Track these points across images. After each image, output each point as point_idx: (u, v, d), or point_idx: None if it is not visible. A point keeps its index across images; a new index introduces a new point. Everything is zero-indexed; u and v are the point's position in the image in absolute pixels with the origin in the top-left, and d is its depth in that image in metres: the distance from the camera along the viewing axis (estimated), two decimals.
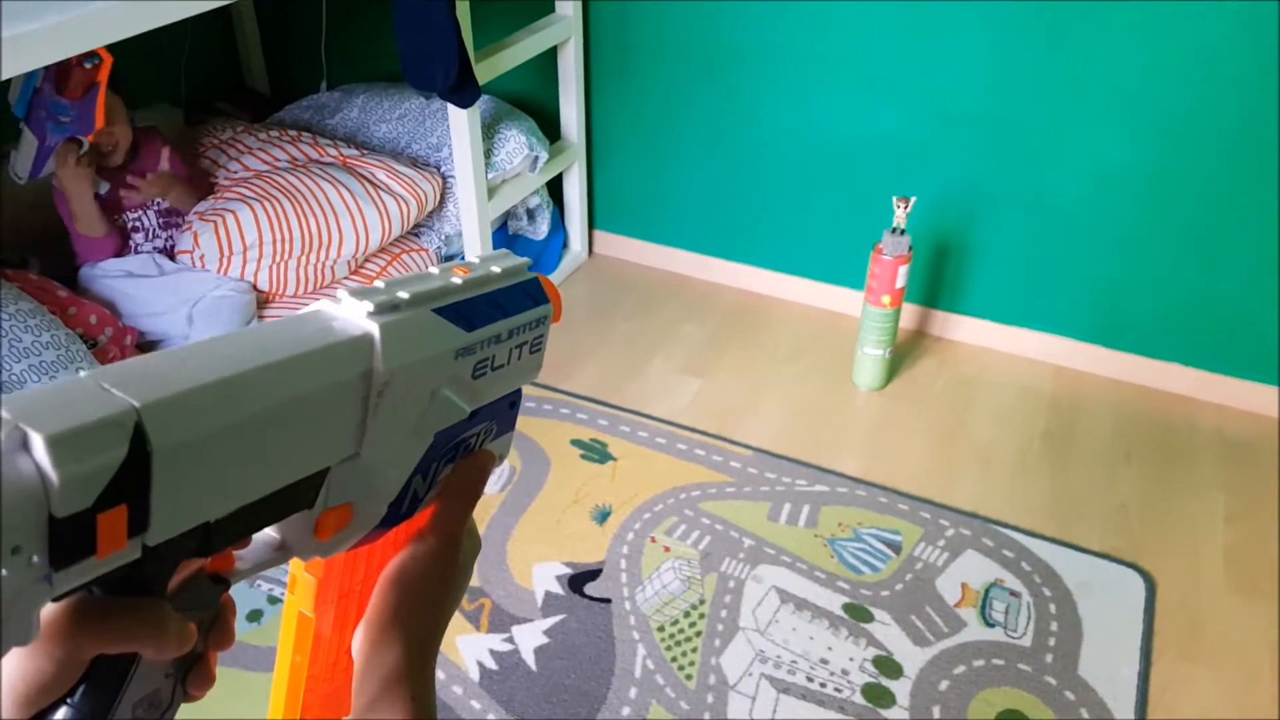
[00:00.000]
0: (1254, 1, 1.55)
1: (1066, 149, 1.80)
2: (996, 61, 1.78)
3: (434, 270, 0.41)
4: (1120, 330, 1.93)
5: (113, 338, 1.62)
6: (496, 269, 0.43)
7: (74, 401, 0.28)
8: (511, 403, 0.46)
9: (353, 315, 0.36)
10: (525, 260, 0.45)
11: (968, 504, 1.65)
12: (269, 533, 0.39)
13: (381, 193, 1.87)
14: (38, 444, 0.26)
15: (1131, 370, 1.95)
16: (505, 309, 0.42)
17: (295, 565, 0.42)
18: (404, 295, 0.38)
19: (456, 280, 0.41)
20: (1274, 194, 1.68)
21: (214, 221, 1.76)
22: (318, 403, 0.34)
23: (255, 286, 1.81)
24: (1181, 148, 1.72)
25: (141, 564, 0.30)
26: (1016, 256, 1.94)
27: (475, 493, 0.45)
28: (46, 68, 1.49)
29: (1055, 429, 1.83)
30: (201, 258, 1.77)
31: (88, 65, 1.49)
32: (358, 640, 0.41)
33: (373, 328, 0.36)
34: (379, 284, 0.38)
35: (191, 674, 0.36)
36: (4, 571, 0.26)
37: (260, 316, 1.81)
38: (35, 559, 0.27)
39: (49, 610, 0.31)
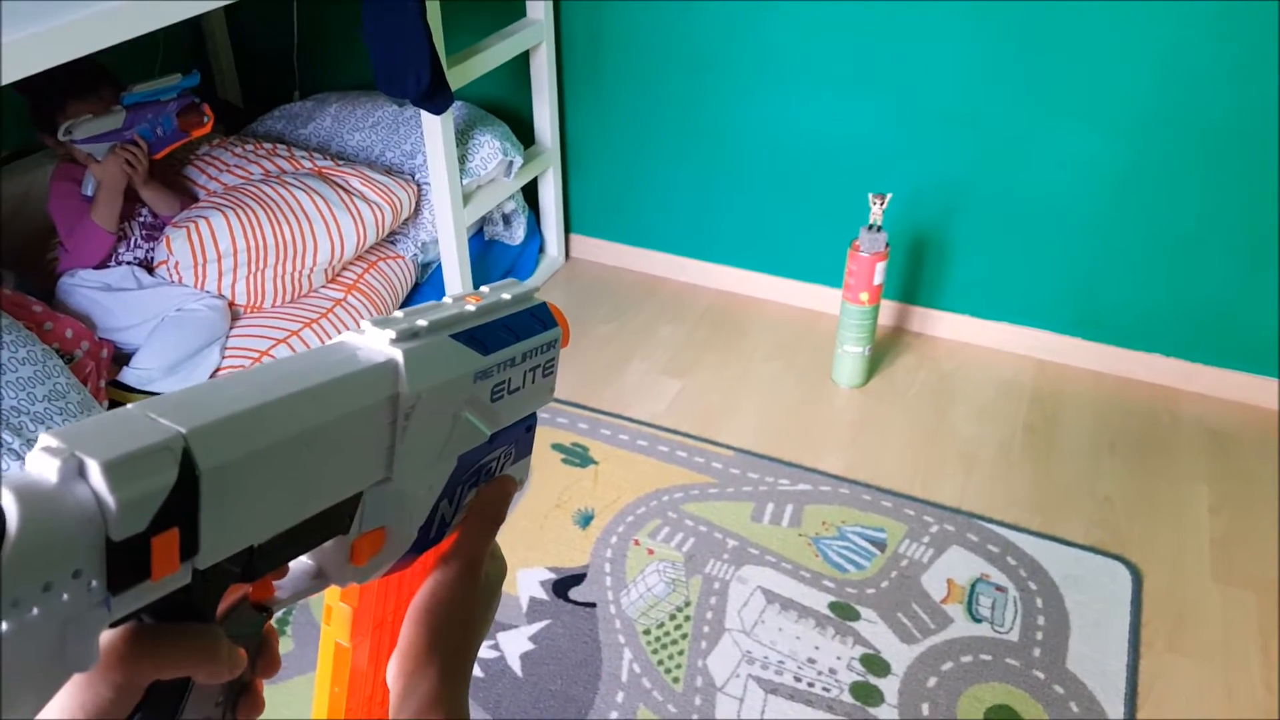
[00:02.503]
0: (1224, 1, 1.56)
1: (1041, 143, 1.79)
2: (970, 57, 1.77)
3: (448, 300, 0.43)
4: (1100, 322, 1.92)
5: (89, 351, 1.59)
6: (506, 296, 0.45)
7: (124, 430, 0.29)
8: (528, 426, 0.48)
9: (376, 343, 0.38)
10: (534, 286, 0.49)
11: (951, 500, 1.64)
12: (306, 561, 0.40)
13: (356, 200, 1.85)
14: (94, 470, 0.28)
15: (1112, 362, 1.94)
16: (518, 333, 0.45)
17: (330, 596, 0.44)
18: (423, 323, 0.40)
19: (470, 308, 0.43)
20: (1248, 184, 1.68)
21: (186, 228, 1.73)
22: (349, 427, 0.36)
23: (233, 300, 1.78)
24: (1155, 141, 1.71)
25: (191, 589, 0.32)
26: (994, 251, 1.94)
27: (498, 517, 0.46)
28: (194, 93, 1.80)
29: (1038, 422, 1.82)
30: (176, 265, 1.74)
31: (205, 120, 1.79)
32: (392, 670, 0.42)
33: (396, 354, 0.38)
34: (398, 314, 0.40)
35: (241, 701, 0.37)
36: (65, 596, 0.27)
37: (233, 334, 1.77)
38: (94, 583, 0.28)
39: (107, 637, 0.32)
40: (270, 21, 2.37)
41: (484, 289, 0.45)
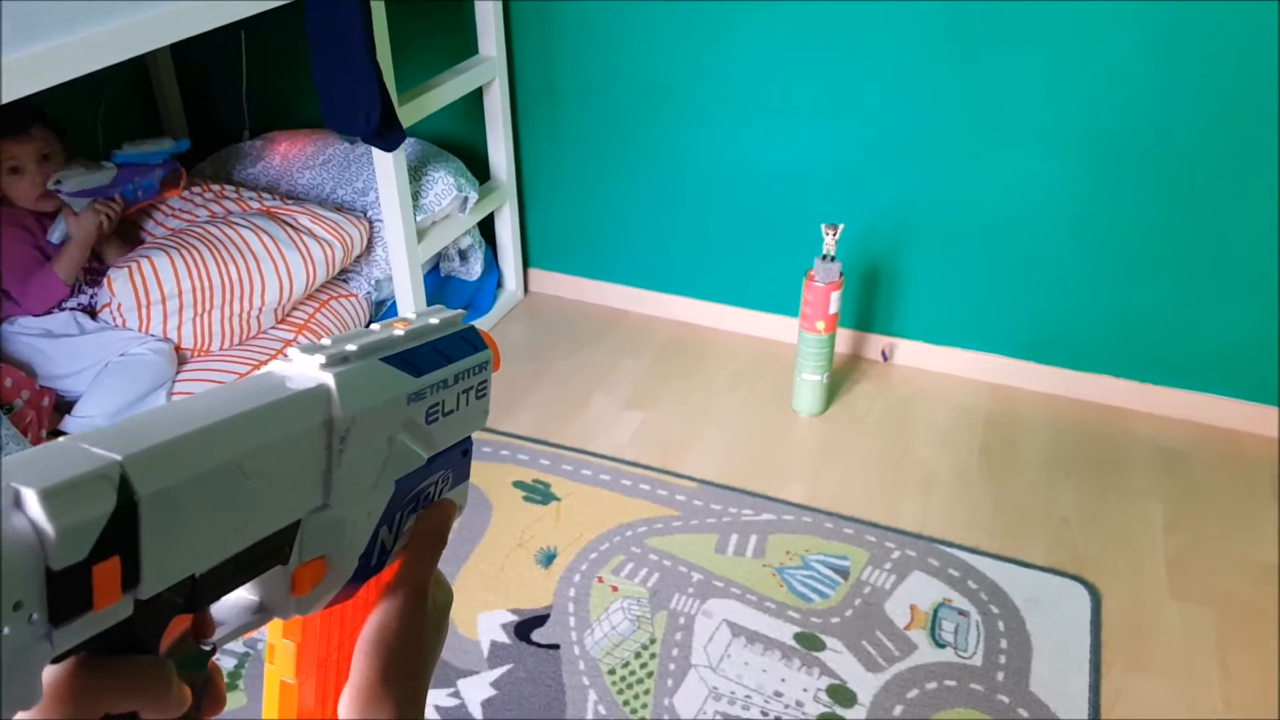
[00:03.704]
0: (1160, 10, 1.61)
1: (989, 169, 1.84)
2: (914, 88, 1.81)
3: (375, 327, 0.43)
4: (1052, 346, 1.96)
5: (29, 401, 1.55)
6: (434, 320, 0.45)
7: (60, 460, 0.29)
8: (464, 450, 0.48)
9: (305, 370, 0.39)
10: (460, 311, 0.48)
11: (912, 524, 1.65)
12: (247, 595, 0.40)
13: (305, 237, 1.83)
14: (31, 499, 0.28)
15: (1065, 384, 1.98)
16: (449, 355, 0.45)
17: (273, 634, 0.43)
18: (352, 348, 0.40)
19: (398, 333, 0.43)
20: (1191, 206, 1.74)
21: (128, 268, 1.70)
22: (285, 451, 0.36)
23: (179, 344, 1.75)
24: (1099, 165, 1.76)
25: (134, 622, 0.31)
26: (946, 278, 1.97)
27: (439, 541, 0.46)
28: (181, 160, 1.88)
29: (994, 446, 1.85)
30: (119, 308, 1.70)
31: (180, 183, 1.86)
32: (345, 704, 0.41)
33: (327, 378, 0.38)
34: (325, 341, 0.40)
35: None
36: (6, 630, 0.27)
37: (180, 378, 1.74)
38: (35, 616, 0.28)
39: (51, 673, 0.31)
40: (218, 58, 2.35)
41: (410, 314, 0.46)
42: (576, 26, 2.00)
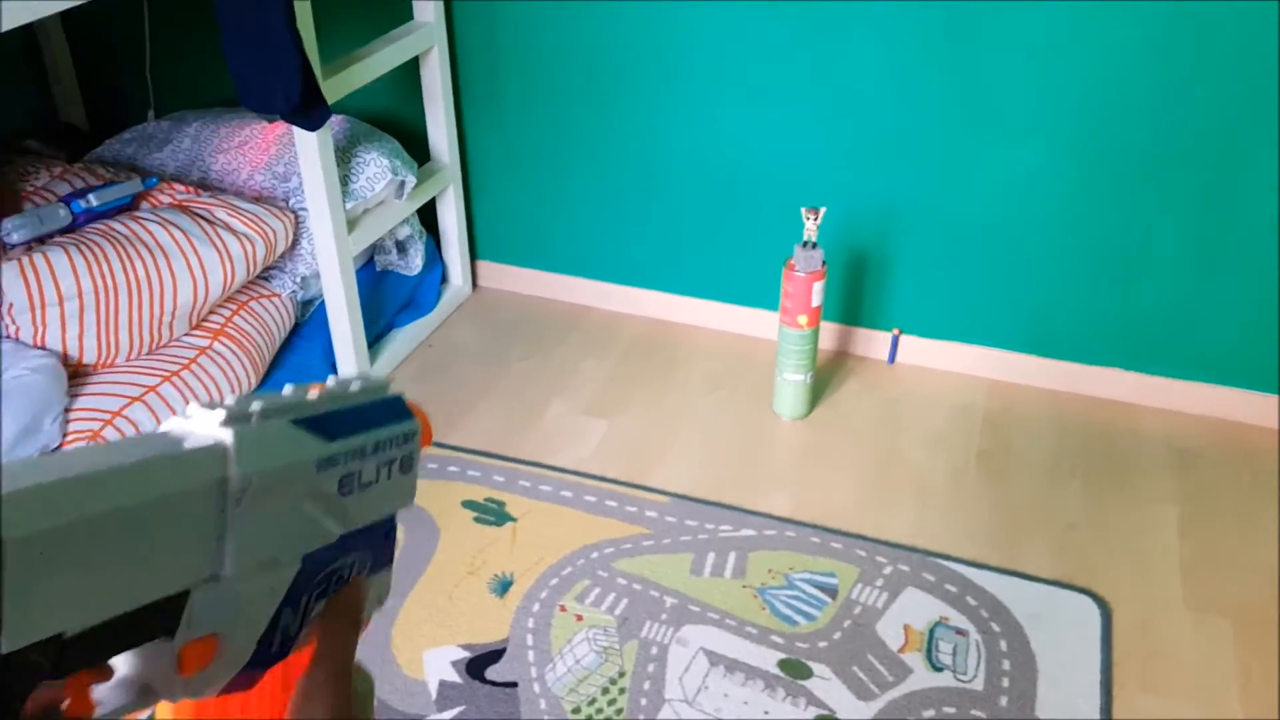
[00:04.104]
0: (1158, 4, 1.66)
1: (983, 150, 1.87)
2: (902, 63, 1.84)
3: (287, 389, 0.43)
4: (1054, 337, 2.00)
5: None
6: (355, 386, 0.45)
7: None
8: (387, 532, 0.47)
9: (204, 426, 0.39)
10: (387, 378, 0.48)
11: (905, 536, 1.68)
12: (130, 672, 0.39)
13: (221, 232, 1.82)
14: None
15: (1068, 379, 2.02)
16: (368, 422, 0.45)
17: (161, 714, 0.42)
18: (257, 406, 0.40)
19: (312, 395, 0.43)
20: (1197, 187, 1.78)
21: (19, 261, 1.66)
22: (172, 509, 0.36)
23: (81, 359, 1.72)
24: (1100, 146, 1.80)
25: None
26: (938, 266, 2.00)
27: (357, 619, 0.46)
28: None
29: (992, 448, 1.89)
30: (10, 310, 1.66)
31: None
32: None
33: (225, 435, 0.38)
34: (230, 398, 0.41)
35: None
36: None
37: (76, 395, 1.73)
38: None
39: None
40: (119, 34, 2.33)
41: (329, 380, 0.46)
42: None
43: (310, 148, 1.75)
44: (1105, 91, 1.75)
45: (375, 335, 2.10)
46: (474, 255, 2.35)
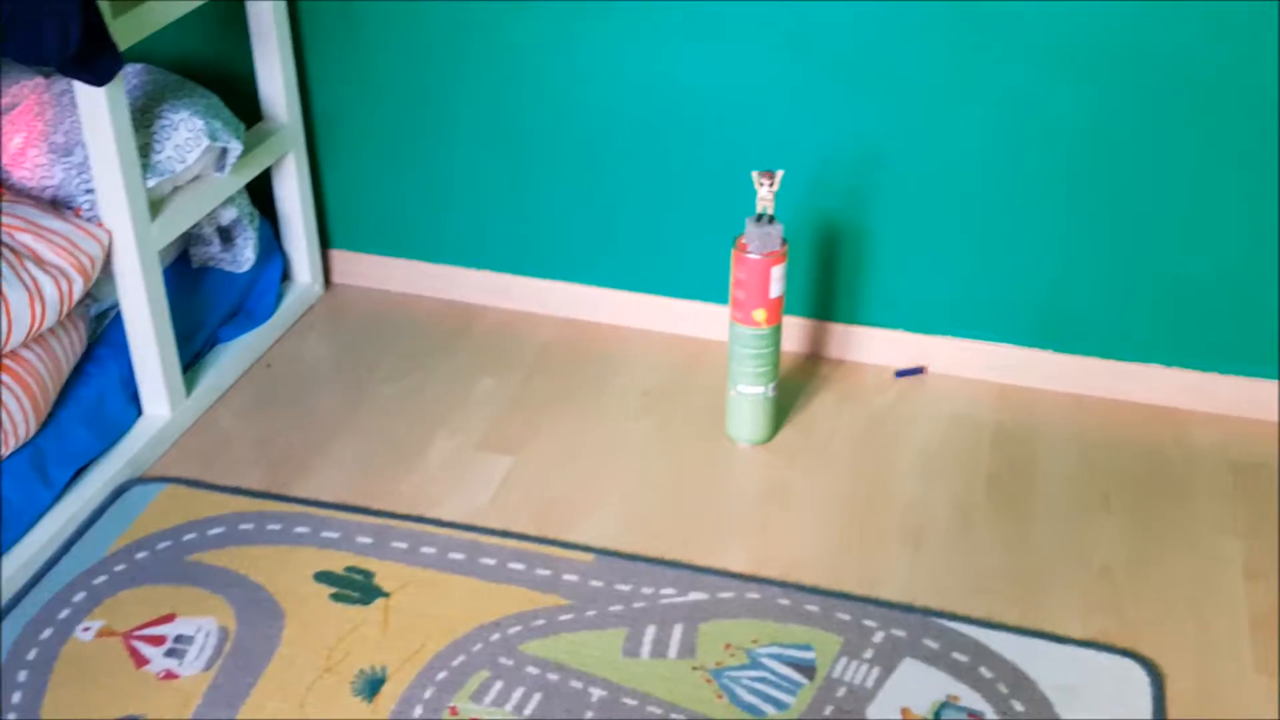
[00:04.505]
0: None
1: (978, 94, 1.87)
2: None
3: None
4: (1074, 326, 2.01)
5: None
6: None
7: None
8: None
9: None
10: None
11: (898, 593, 1.67)
12: None
13: (30, 267, 1.73)
14: None
15: (1096, 379, 2.03)
16: None
17: None
18: None
19: None
20: (1245, 130, 1.79)
21: None
22: None
23: None
24: (1127, 78, 1.80)
25: None
26: (927, 241, 2.00)
27: None
28: None
29: (1005, 472, 1.88)
30: None
31: None
32: None
33: None
34: None
35: None
36: None
37: None
38: None
39: None
40: None
41: None
42: None
43: (96, 109, 1.72)
44: (1136, 4, 1.75)
45: (193, 354, 2.07)
46: (326, 243, 2.33)
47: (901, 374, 2.08)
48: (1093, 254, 1.94)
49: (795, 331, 2.12)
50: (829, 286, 2.09)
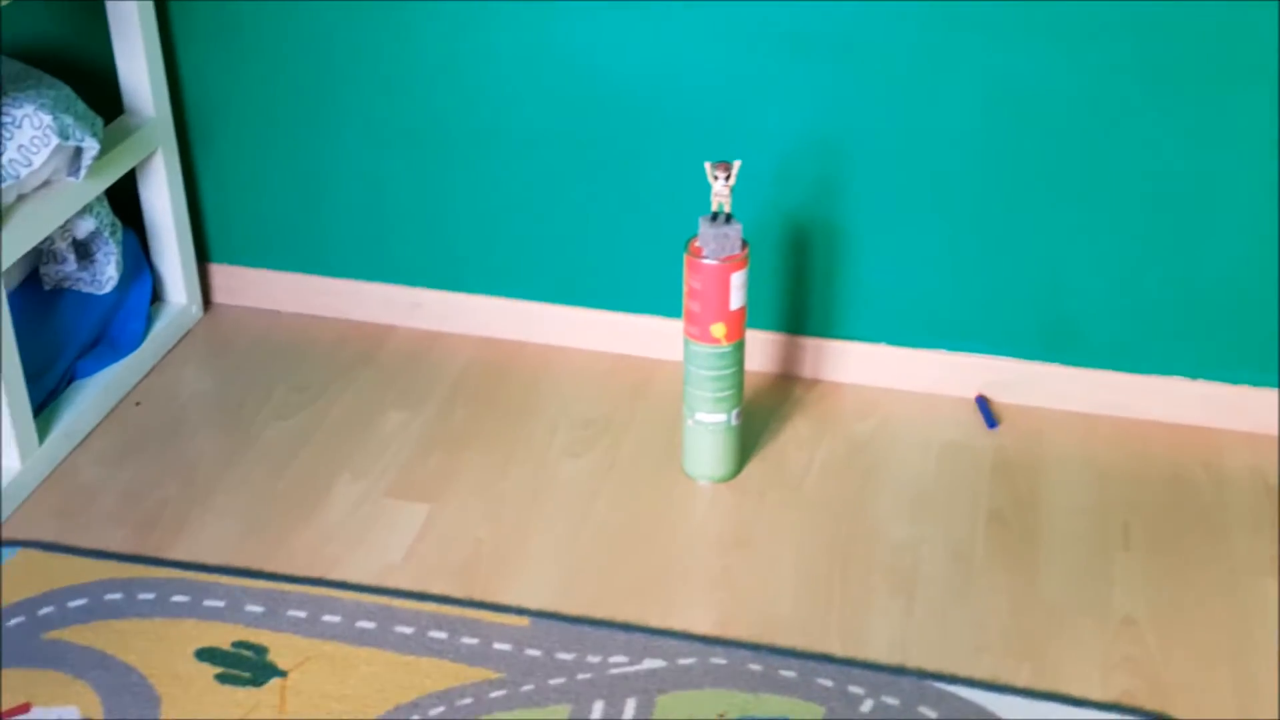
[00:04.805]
0: None
1: (963, 71, 1.89)
2: None
3: None
4: (1084, 335, 2.03)
5: None
6: None
7: None
8: None
9: None
10: None
11: (888, 653, 1.67)
12: None
13: None
14: None
15: (1109, 396, 2.05)
16: None
17: None
18: None
19: None
20: (1270, 102, 1.83)
21: None
22: None
23: None
24: (1129, 57, 1.83)
25: None
26: (912, 240, 2.02)
27: None
28: None
29: (1008, 507, 1.90)
30: None
31: None
32: None
33: None
34: None
35: None
36: None
37: None
38: None
39: None
40: None
41: None
42: None
43: None
44: None
45: (47, 393, 2.05)
46: (203, 258, 2.32)
47: (984, 410, 2.08)
48: (1100, 250, 1.97)
49: (761, 348, 2.14)
50: (799, 295, 2.10)
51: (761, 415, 2.07)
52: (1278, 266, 1.92)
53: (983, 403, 2.08)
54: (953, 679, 1.63)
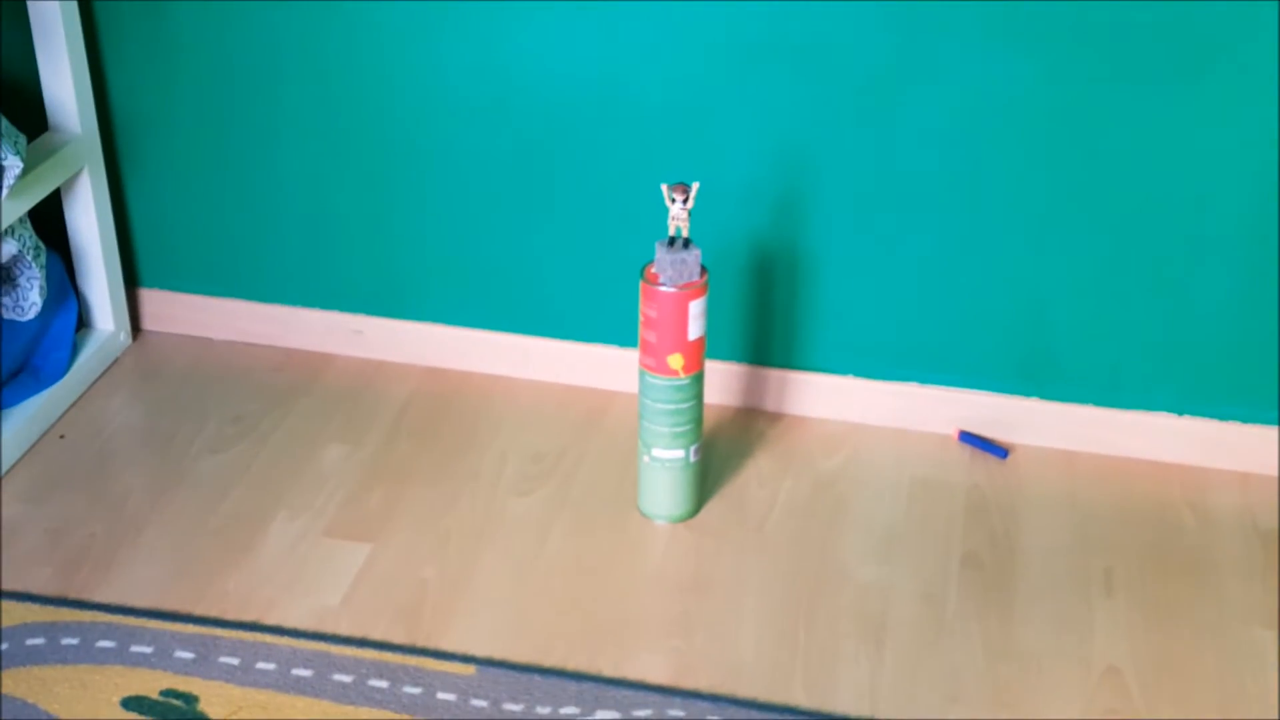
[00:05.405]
0: None
1: (933, 84, 1.88)
2: None
3: None
4: (1064, 368, 2.02)
5: None
6: None
7: None
8: None
9: None
10: None
11: (855, 703, 1.65)
12: None
13: None
14: None
15: (1090, 432, 2.05)
16: None
17: None
18: None
19: None
20: (1261, 121, 1.81)
21: None
22: None
23: None
24: (1109, 66, 1.82)
25: None
26: (880, 266, 2.01)
27: None
28: None
29: (984, 549, 1.88)
30: None
31: None
32: None
33: None
34: None
35: None
36: None
37: None
38: None
39: None
40: None
41: None
42: None
43: None
44: None
45: None
46: (132, 283, 2.31)
47: (979, 444, 2.07)
48: (1080, 278, 1.96)
49: (722, 380, 2.13)
50: (763, 324, 2.09)
51: (722, 451, 2.06)
52: (1262, 301, 1.92)
53: (971, 438, 2.07)
54: None
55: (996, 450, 2.05)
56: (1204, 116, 1.83)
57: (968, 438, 2.07)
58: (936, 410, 2.07)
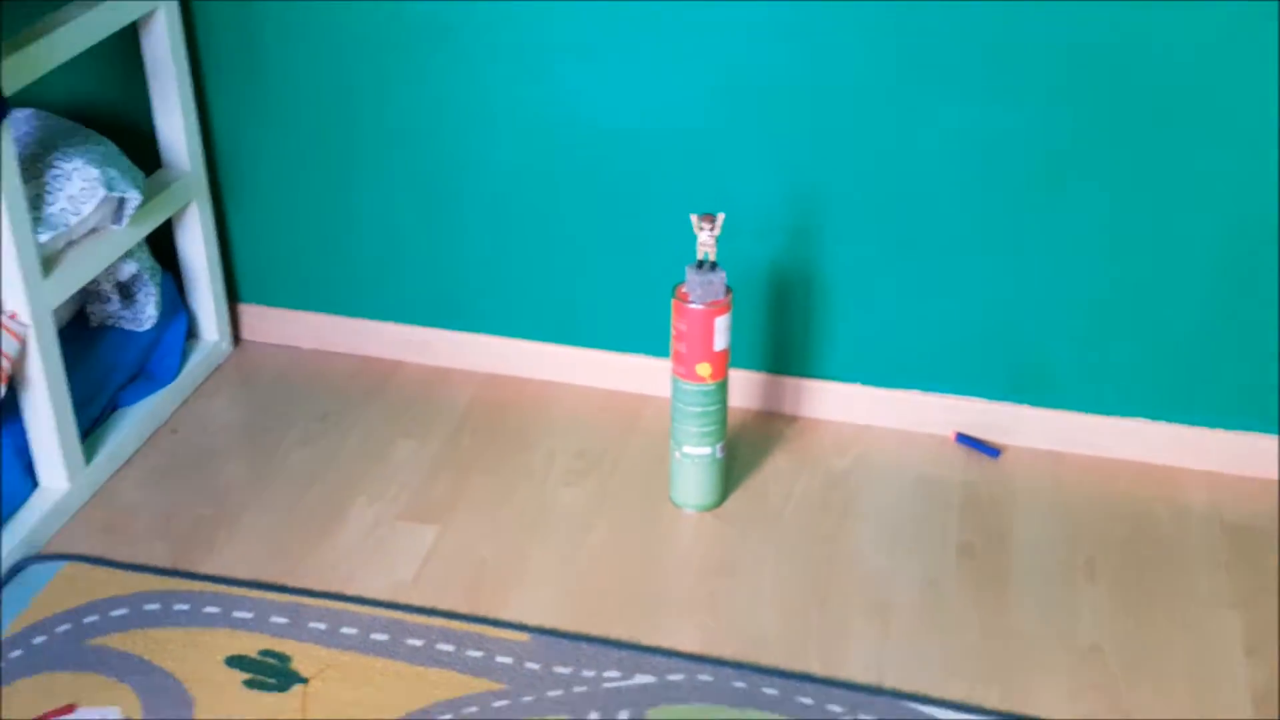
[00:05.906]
0: None
1: (928, 125, 1.89)
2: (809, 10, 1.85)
3: None
4: (1052, 377, 2.02)
5: None
6: None
7: None
8: None
9: None
10: None
11: (865, 673, 1.66)
12: None
13: None
14: None
15: (1076, 436, 2.04)
16: None
17: None
18: None
19: None
20: (1238, 153, 1.81)
21: None
22: None
23: None
24: (1092, 104, 1.82)
25: None
26: (885, 285, 2.02)
27: None
28: None
29: (978, 539, 1.88)
30: None
31: None
32: None
33: None
34: None
35: None
36: None
37: None
38: None
39: None
40: None
41: None
42: None
43: None
44: (1094, 25, 1.77)
45: (92, 420, 2.06)
46: (233, 298, 2.32)
47: (973, 444, 2.07)
48: (1067, 295, 1.95)
49: (744, 387, 2.13)
50: (780, 337, 2.09)
51: (745, 449, 2.07)
52: (1234, 317, 1.91)
53: (967, 439, 2.07)
54: (926, 699, 1.62)
55: (990, 451, 2.05)
56: (1177, 150, 1.83)
57: (964, 439, 2.07)
58: (936, 415, 2.07)
